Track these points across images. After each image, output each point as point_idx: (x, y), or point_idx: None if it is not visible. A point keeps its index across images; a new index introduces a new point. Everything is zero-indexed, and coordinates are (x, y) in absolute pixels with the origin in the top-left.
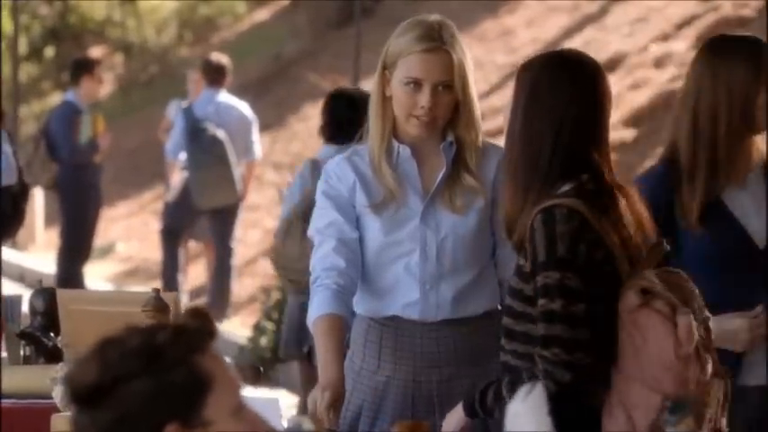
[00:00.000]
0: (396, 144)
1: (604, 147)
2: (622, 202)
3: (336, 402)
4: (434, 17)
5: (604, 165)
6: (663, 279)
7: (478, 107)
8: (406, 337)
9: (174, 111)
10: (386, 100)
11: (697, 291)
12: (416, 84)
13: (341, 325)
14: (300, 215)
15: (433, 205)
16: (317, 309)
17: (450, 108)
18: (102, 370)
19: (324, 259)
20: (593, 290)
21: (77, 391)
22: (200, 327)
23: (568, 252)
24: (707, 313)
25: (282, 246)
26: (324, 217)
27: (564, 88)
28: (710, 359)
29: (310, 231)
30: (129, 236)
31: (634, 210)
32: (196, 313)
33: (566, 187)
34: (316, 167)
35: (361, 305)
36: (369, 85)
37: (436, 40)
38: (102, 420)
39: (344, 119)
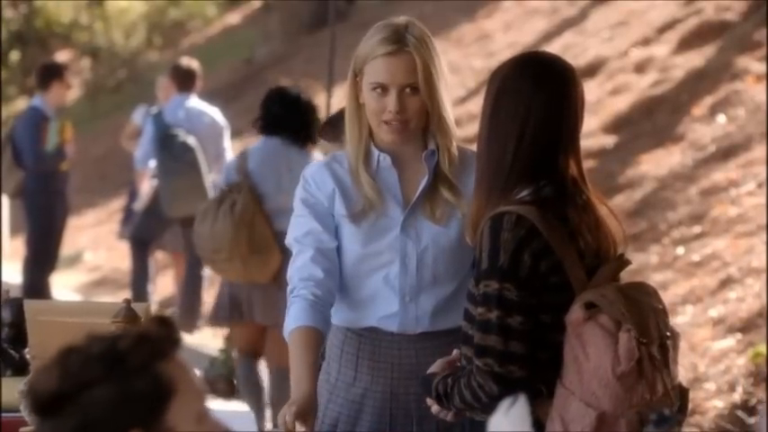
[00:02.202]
0: (376, 152)
1: (572, 152)
2: (589, 211)
3: (307, 416)
4: (403, 19)
5: (571, 171)
6: (622, 293)
7: (450, 111)
8: (384, 348)
9: (140, 117)
10: (360, 107)
11: (663, 306)
12: (383, 88)
13: (316, 338)
14: (217, 201)
15: (414, 215)
16: (294, 320)
17: (422, 111)
18: (64, 377)
19: (301, 269)
20: (533, 302)
21: (39, 399)
22: (163, 333)
23: (510, 262)
24: (674, 329)
25: (199, 226)
26: (302, 225)
27: (528, 91)
28: (664, 378)
29: (288, 240)
30: (96, 245)
31: (598, 219)
32: (159, 320)
33: (524, 193)
34: (244, 159)
35: (338, 315)
36: (342, 90)
37: (398, 43)
38: (65, 428)
39: (276, 115)
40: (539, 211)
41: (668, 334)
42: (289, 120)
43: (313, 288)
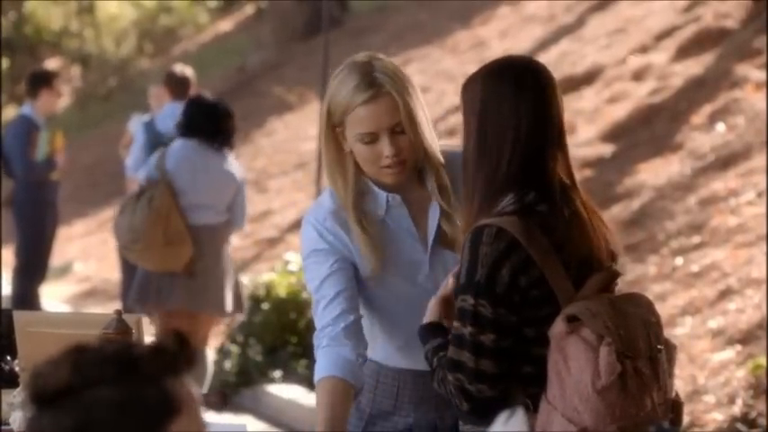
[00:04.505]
0: (383, 194)
1: (561, 158)
2: (578, 219)
3: None
4: (364, 57)
5: (559, 177)
6: (612, 305)
7: (431, 135)
8: (426, 384)
9: (135, 125)
10: (344, 156)
11: (656, 319)
12: (372, 136)
13: (345, 390)
14: (136, 195)
15: (436, 249)
16: (323, 370)
17: (412, 146)
18: (74, 371)
19: (332, 325)
20: (510, 319)
21: (43, 389)
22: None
23: (487, 277)
24: (669, 341)
25: (119, 218)
26: (331, 283)
27: (514, 96)
28: (653, 393)
29: (315, 293)
30: (86, 255)
31: (587, 228)
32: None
33: (506, 200)
34: (163, 158)
35: (373, 353)
36: None
37: (374, 86)
38: (65, 423)
39: (194, 120)
40: (521, 221)
41: (660, 347)
42: (206, 124)
43: (342, 346)
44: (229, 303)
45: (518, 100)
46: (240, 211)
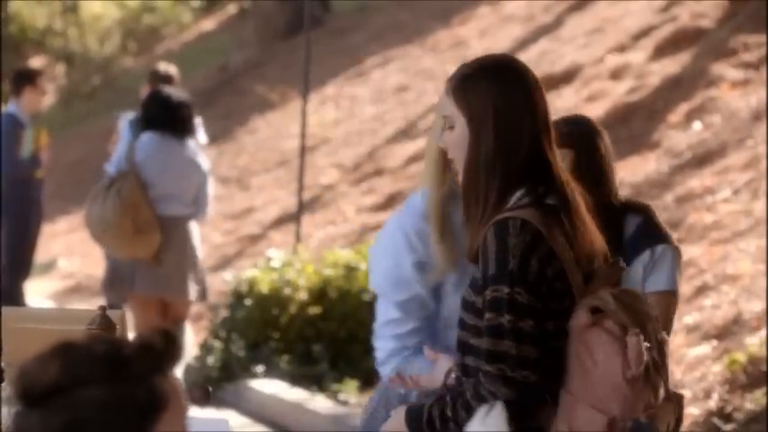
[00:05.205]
0: None
1: (555, 153)
2: (581, 214)
3: None
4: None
5: (562, 172)
6: (617, 299)
7: None
8: None
9: (123, 123)
10: (448, 164)
11: (654, 312)
12: None
13: None
14: (106, 186)
15: None
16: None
17: None
18: (64, 369)
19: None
20: (542, 306)
21: (31, 387)
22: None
23: (519, 266)
24: (664, 335)
25: (89, 207)
26: (417, 303)
27: (520, 100)
28: (663, 382)
29: (395, 303)
30: (70, 252)
31: (588, 223)
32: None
33: (523, 198)
34: (132, 151)
35: None
36: (318, 96)
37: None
38: (53, 422)
39: (153, 114)
40: (539, 214)
41: (665, 340)
42: (164, 117)
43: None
44: (193, 291)
45: (528, 99)
46: (204, 201)
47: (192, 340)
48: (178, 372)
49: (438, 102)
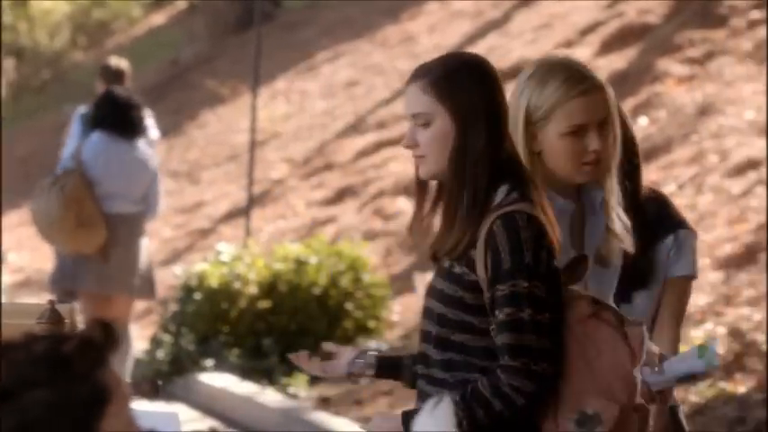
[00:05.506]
0: (559, 200)
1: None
2: (548, 213)
3: None
4: (554, 57)
5: (528, 173)
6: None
7: None
8: None
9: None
10: (534, 158)
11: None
12: (582, 129)
13: None
14: (51, 182)
15: (594, 265)
16: None
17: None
18: (8, 373)
19: None
20: (555, 299)
21: None
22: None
23: (534, 260)
24: None
25: (34, 203)
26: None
27: (500, 98)
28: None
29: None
30: (20, 246)
31: (554, 221)
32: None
33: (510, 194)
34: (79, 150)
35: None
36: (268, 91)
37: (588, 79)
38: (3, 426)
39: (101, 113)
40: (534, 209)
41: None
42: (114, 117)
43: None
44: (141, 288)
45: (504, 98)
46: (154, 199)
47: (138, 335)
48: (128, 366)
49: (408, 100)
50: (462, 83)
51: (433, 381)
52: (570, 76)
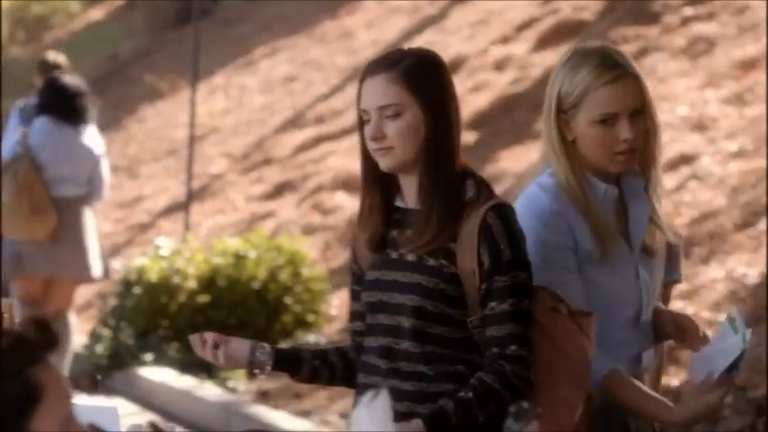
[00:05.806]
0: (601, 185)
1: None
2: None
3: None
4: (591, 44)
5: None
6: None
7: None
8: None
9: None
10: (569, 145)
11: None
12: (613, 117)
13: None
14: (2, 171)
15: (638, 251)
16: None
17: (645, 135)
18: None
19: None
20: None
21: None
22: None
23: (525, 252)
24: None
25: None
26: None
27: (455, 91)
28: None
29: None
30: None
31: None
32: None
33: (480, 186)
34: (26, 136)
35: None
36: (207, 86)
37: (619, 67)
38: None
39: (47, 100)
40: None
41: None
42: (59, 104)
43: None
44: (96, 268)
45: (455, 91)
46: (99, 182)
47: (78, 327)
48: (67, 360)
49: (373, 92)
50: (431, 75)
51: (403, 375)
52: (602, 62)
